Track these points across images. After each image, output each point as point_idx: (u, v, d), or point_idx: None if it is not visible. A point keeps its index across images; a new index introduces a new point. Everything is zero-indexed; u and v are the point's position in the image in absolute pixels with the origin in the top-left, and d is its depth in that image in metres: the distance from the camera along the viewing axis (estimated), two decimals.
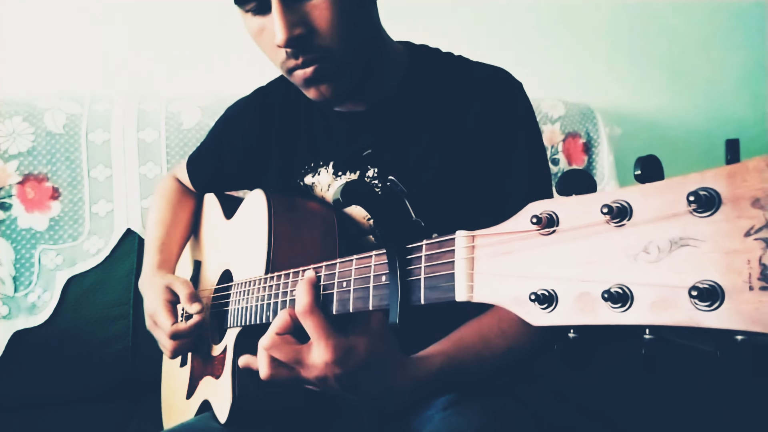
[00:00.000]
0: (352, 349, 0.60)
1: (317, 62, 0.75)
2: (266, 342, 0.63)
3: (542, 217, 0.37)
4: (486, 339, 0.76)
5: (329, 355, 0.59)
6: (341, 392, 0.63)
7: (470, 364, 0.74)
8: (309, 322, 0.60)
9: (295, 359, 0.61)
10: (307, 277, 0.63)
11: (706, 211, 0.31)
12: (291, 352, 0.62)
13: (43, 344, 1.28)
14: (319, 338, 0.59)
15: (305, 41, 0.73)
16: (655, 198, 0.33)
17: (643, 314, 0.32)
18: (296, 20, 0.72)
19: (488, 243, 0.41)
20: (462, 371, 0.73)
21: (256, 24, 0.76)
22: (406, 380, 0.66)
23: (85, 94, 1.39)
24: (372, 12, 0.82)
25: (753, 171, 0.29)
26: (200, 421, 0.87)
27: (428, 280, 0.47)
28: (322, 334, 0.59)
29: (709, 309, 0.30)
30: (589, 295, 0.34)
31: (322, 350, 0.59)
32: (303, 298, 0.60)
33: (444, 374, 0.70)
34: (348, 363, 0.60)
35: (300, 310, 0.60)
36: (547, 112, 1.61)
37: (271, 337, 0.63)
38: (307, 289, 0.61)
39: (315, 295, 0.61)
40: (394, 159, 0.86)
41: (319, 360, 0.60)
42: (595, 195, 0.36)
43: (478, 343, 0.75)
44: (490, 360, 0.76)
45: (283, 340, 0.63)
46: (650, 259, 0.33)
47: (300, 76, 0.77)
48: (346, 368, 0.60)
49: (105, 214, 1.34)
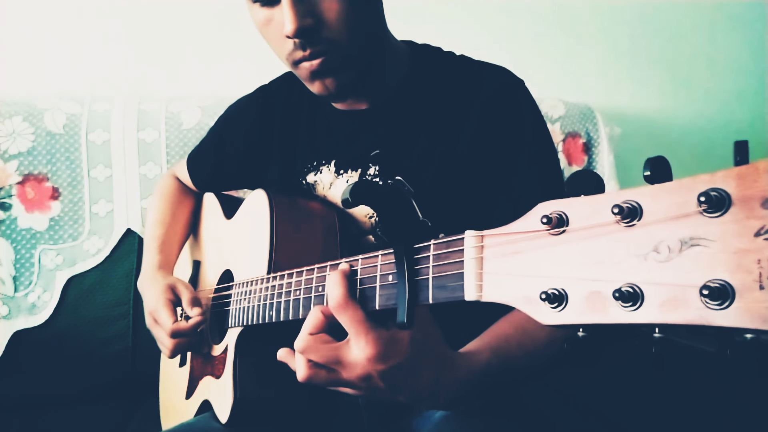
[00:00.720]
0: (396, 342, 0.54)
1: (324, 54, 0.76)
2: (301, 344, 0.58)
3: (552, 217, 0.37)
4: (526, 329, 0.71)
5: (371, 350, 0.54)
6: (388, 392, 0.57)
7: (516, 356, 0.69)
8: (345, 317, 0.55)
9: (334, 359, 0.57)
10: (341, 269, 0.59)
11: (717, 211, 0.31)
12: (328, 352, 0.57)
13: (43, 344, 1.28)
14: (358, 333, 0.54)
15: (314, 32, 0.74)
16: (666, 198, 0.33)
17: (653, 313, 0.33)
18: (306, 11, 0.72)
19: (497, 243, 0.42)
20: (509, 365, 0.68)
21: (264, 15, 0.76)
22: (457, 376, 0.60)
23: (85, 94, 1.39)
24: (378, 8, 0.83)
25: (763, 172, 0.30)
26: (200, 421, 0.87)
27: (436, 279, 0.48)
28: (361, 327, 0.54)
29: (720, 308, 0.30)
30: (599, 294, 0.35)
31: (362, 345, 0.54)
32: (336, 291, 0.55)
33: (493, 369, 0.65)
34: (393, 357, 0.54)
35: (334, 305, 0.55)
36: (547, 112, 1.61)
37: (305, 339, 0.58)
38: (340, 281, 0.56)
39: (349, 287, 0.56)
40: (400, 158, 0.86)
41: (360, 356, 0.54)
42: (605, 195, 0.36)
43: (520, 334, 0.71)
44: (534, 352, 0.71)
45: (317, 339, 0.58)
46: (661, 258, 0.33)
47: (306, 68, 0.78)
48: (390, 362, 0.54)
49: (105, 214, 1.34)
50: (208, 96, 1.45)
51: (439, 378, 0.58)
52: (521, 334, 0.71)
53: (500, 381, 0.68)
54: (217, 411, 0.85)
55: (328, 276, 0.59)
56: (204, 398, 0.91)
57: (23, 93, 1.36)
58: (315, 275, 0.66)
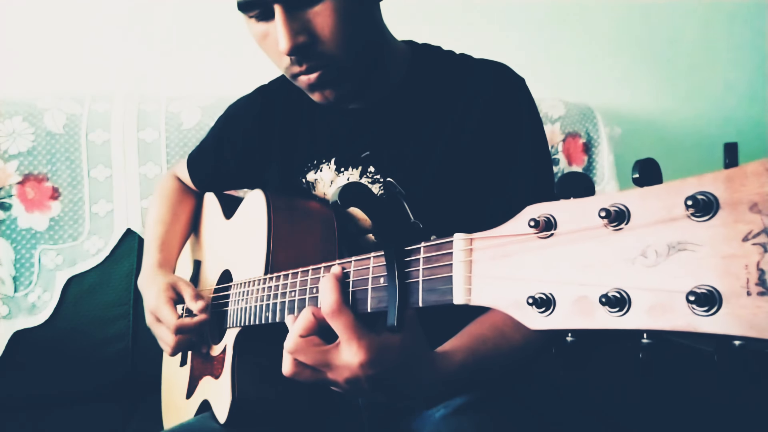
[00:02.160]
0: (386, 348, 0.56)
1: (321, 68, 0.76)
2: (290, 345, 0.59)
3: (540, 221, 0.37)
4: (502, 332, 0.73)
5: (363, 356, 0.55)
6: (369, 393, 0.59)
7: (491, 357, 0.71)
8: (338, 322, 0.55)
9: (323, 362, 0.58)
10: (333, 272, 0.59)
11: (704, 215, 0.31)
12: (318, 355, 0.58)
13: (43, 344, 1.28)
14: (350, 339, 0.55)
15: (308, 49, 0.74)
16: (653, 202, 0.33)
17: (640, 318, 0.32)
18: (299, 28, 0.72)
19: (486, 246, 0.41)
20: (483, 366, 0.70)
21: (260, 30, 0.76)
22: (436, 376, 0.62)
23: (85, 94, 1.39)
24: (375, 14, 0.82)
25: (751, 175, 0.29)
26: (200, 421, 0.87)
27: (426, 282, 0.47)
28: (353, 334, 0.55)
29: (707, 314, 0.30)
30: (586, 299, 0.34)
31: (354, 351, 0.55)
32: (329, 297, 0.56)
33: (468, 369, 0.67)
34: (383, 363, 0.56)
35: (327, 311, 0.56)
36: (547, 112, 1.60)
37: (295, 341, 0.59)
38: (333, 286, 0.57)
39: (342, 292, 0.57)
40: (393, 159, 0.86)
41: (351, 361, 0.56)
42: (592, 198, 0.35)
43: (496, 336, 0.72)
44: (508, 353, 0.73)
45: (308, 342, 0.58)
46: (648, 263, 0.32)
47: (304, 81, 0.78)
48: (380, 368, 0.56)
49: (105, 214, 1.34)
50: (208, 96, 1.45)
51: (421, 380, 0.60)
52: (498, 336, 0.72)
53: (474, 380, 0.70)
54: (216, 411, 0.85)
55: (321, 280, 0.59)
56: (203, 398, 0.91)
57: (23, 93, 1.36)
58: (310, 276, 0.66)
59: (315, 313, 0.59)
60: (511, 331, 0.73)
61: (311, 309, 0.60)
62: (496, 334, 0.72)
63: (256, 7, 0.74)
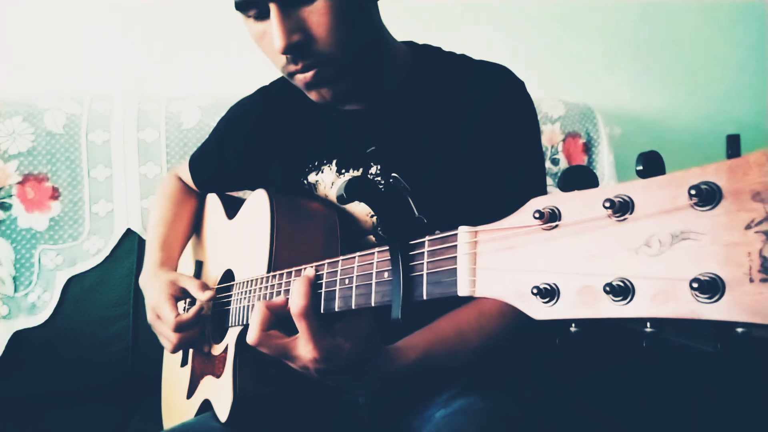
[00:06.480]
0: (337, 351, 0.62)
1: (316, 67, 0.77)
2: (253, 338, 0.65)
3: (545, 212, 0.37)
4: (462, 334, 0.78)
5: (315, 354, 0.62)
6: (319, 380, 0.67)
7: (444, 358, 0.76)
8: (303, 324, 0.61)
9: (282, 353, 0.65)
10: (305, 275, 0.64)
11: (707, 204, 0.31)
12: (278, 347, 0.64)
13: (43, 344, 1.28)
14: (308, 340, 0.62)
15: (304, 47, 0.74)
16: (657, 192, 0.33)
17: (644, 307, 0.33)
18: (294, 27, 0.73)
19: (491, 238, 0.42)
20: (435, 365, 0.75)
21: (258, 29, 0.77)
22: (383, 375, 0.68)
23: (85, 94, 1.40)
24: (372, 14, 0.83)
25: (754, 165, 0.29)
26: (200, 420, 0.87)
27: (431, 275, 0.48)
28: (311, 336, 0.61)
29: (710, 301, 0.30)
30: (591, 288, 0.35)
31: (309, 349, 0.62)
32: (300, 300, 0.61)
33: (418, 367, 0.72)
34: (331, 362, 0.63)
35: (296, 312, 0.61)
36: (547, 112, 1.61)
37: (257, 335, 0.64)
38: (304, 290, 0.61)
39: (312, 297, 0.62)
40: (397, 156, 0.87)
41: (305, 356, 0.63)
42: (597, 190, 0.36)
43: (454, 337, 0.77)
44: (462, 356, 0.78)
45: (269, 336, 0.65)
46: (652, 252, 0.33)
47: (300, 80, 0.79)
48: (328, 366, 0.63)
49: (105, 214, 1.34)
50: (208, 96, 1.45)
51: (363, 378, 0.67)
52: (457, 338, 0.78)
53: (428, 377, 0.77)
54: (217, 410, 0.85)
55: (293, 283, 0.64)
56: (204, 398, 0.91)
57: (23, 93, 1.37)
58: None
59: (269, 306, 0.65)
60: (471, 335, 0.78)
61: (264, 303, 0.65)
62: (456, 336, 0.77)
63: (252, 7, 0.74)
